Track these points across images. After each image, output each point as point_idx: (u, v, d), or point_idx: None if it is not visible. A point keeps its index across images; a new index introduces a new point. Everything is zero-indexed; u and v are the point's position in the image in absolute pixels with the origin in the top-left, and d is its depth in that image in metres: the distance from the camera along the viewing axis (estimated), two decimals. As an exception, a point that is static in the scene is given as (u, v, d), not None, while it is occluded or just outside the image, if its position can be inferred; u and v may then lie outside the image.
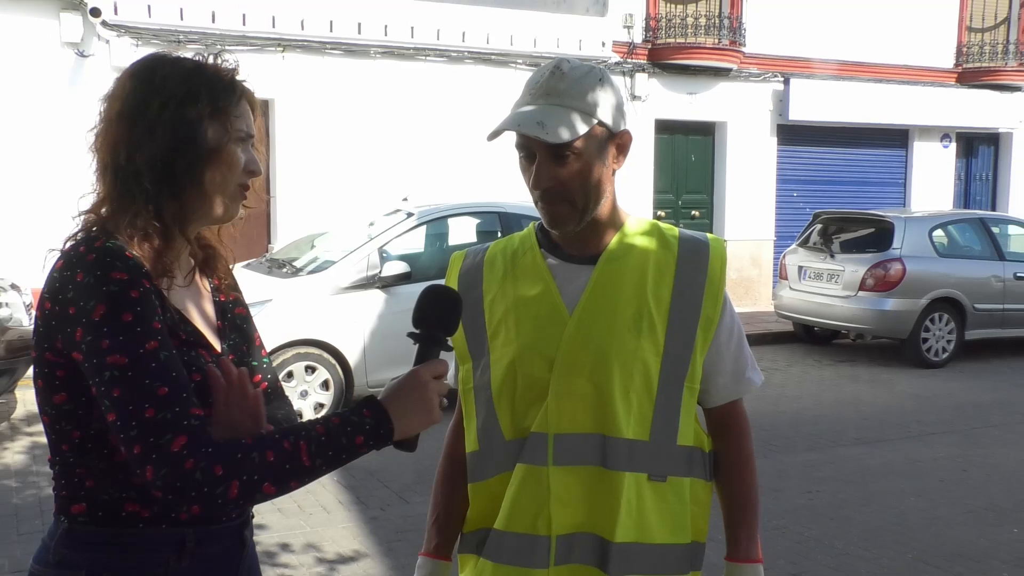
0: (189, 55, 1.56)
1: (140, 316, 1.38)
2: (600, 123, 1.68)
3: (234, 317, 1.69)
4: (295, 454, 1.39)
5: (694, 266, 1.75)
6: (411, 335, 1.58)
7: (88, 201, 1.52)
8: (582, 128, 1.64)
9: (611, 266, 1.74)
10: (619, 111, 1.72)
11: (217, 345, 1.60)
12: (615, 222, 1.78)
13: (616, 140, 1.72)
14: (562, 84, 1.67)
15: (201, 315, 1.61)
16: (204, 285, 1.67)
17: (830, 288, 10.57)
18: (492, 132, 1.70)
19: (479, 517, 1.81)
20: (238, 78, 1.56)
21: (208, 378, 1.50)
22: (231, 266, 1.74)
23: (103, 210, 1.49)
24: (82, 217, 1.50)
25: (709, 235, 1.84)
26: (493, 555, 1.74)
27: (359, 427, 1.45)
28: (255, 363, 1.70)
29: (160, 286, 1.47)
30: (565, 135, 1.63)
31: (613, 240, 1.77)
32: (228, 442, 1.39)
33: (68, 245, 1.47)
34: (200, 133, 1.48)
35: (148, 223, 1.46)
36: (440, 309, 1.60)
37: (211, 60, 1.55)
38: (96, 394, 1.40)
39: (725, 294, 1.78)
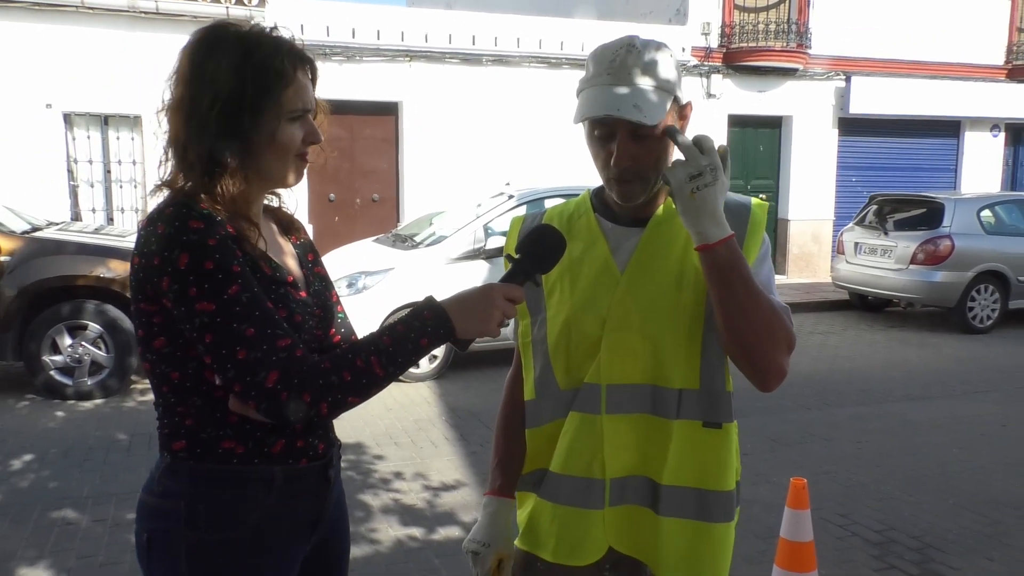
0: (245, 28, 1.39)
1: (220, 263, 1.27)
2: (675, 98, 1.48)
3: (315, 273, 1.57)
4: (369, 369, 1.31)
5: (735, 225, 1.54)
6: (507, 257, 1.44)
7: (162, 172, 1.40)
8: (665, 106, 1.45)
9: (659, 228, 1.55)
10: (681, 83, 1.52)
11: (303, 290, 1.47)
12: (665, 188, 1.59)
13: (681, 111, 1.52)
14: (640, 61, 1.46)
15: (284, 263, 1.49)
16: (286, 242, 1.55)
17: (884, 262, 9.96)
18: (589, 116, 1.46)
19: (536, 459, 1.65)
20: (290, 56, 1.38)
21: (293, 314, 1.38)
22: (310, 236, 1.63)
23: (177, 185, 1.37)
24: (162, 191, 1.39)
25: (753, 198, 1.61)
26: (551, 496, 1.59)
27: (422, 331, 1.35)
28: (339, 317, 1.58)
29: (242, 231, 1.35)
30: (659, 117, 1.43)
31: (662, 204, 1.58)
32: (312, 368, 1.28)
33: (153, 207, 1.37)
34: (248, 125, 1.34)
35: (211, 201, 1.34)
36: (544, 247, 1.44)
37: (265, 34, 1.38)
38: (190, 338, 1.31)
39: (763, 251, 1.55)
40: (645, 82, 1.45)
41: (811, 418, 6.04)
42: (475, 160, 11.52)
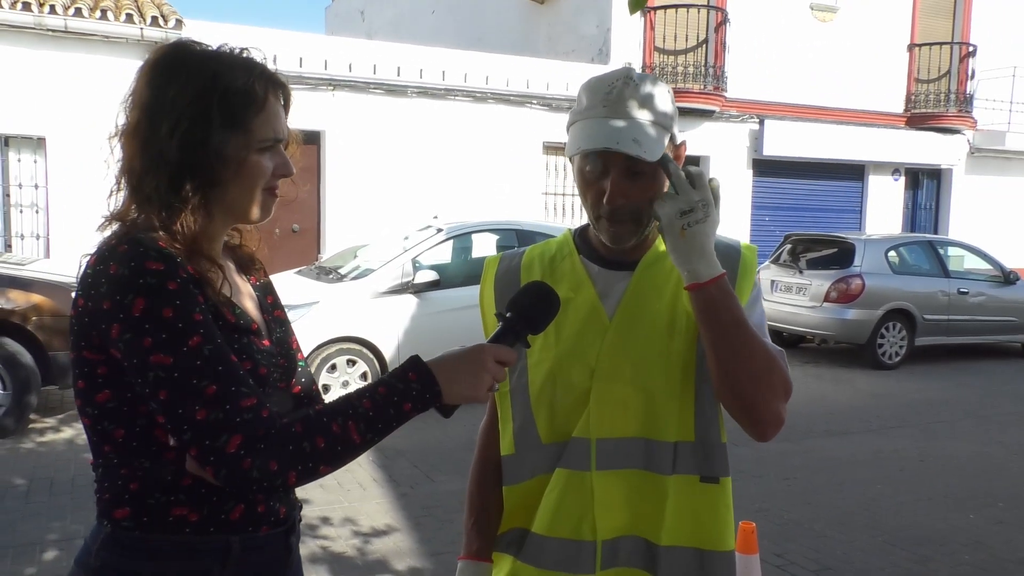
0: (213, 47, 1.25)
1: (180, 310, 1.12)
2: (671, 136, 1.41)
3: (275, 318, 1.42)
4: (345, 435, 1.16)
5: (725, 265, 1.48)
6: (498, 315, 1.31)
7: (111, 204, 1.24)
8: (663, 142, 1.37)
9: (648, 272, 1.46)
10: (676, 120, 1.44)
11: (265, 338, 1.33)
12: (654, 229, 1.52)
13: (675, 150, 1.44)
14: (638, 94, 1.38)
15: (245, 307, 1.33)
16: (244, 283, 1.39)
17: (798, 299, 10.27)
18: (585, 148, 1.36)
19: (513, 517, 1.52)
20: (261, 80, 1.23)
21: (258, 366, 1.24)
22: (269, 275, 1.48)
23: (128, 218, 1.22)
24: (112, 224, 1.23)
25: (741, 241, 1.56)
26: (534, 560, 1.46)
27: (406, 394, 1.19)
28: (299, 366, 1.44)
29: (203, 273, 1.20)
30: (658, 153, 1.35)
31: (652, 246, 1.49)
32: (281, 433, 1.13)
33: (100, 241, 1.21)
34: (210, 156, 1.20)
35: (169, 238, 1.19)
36: (537, 306, 1.32)
37: (235, 55, 1.25)
38: (142, 393, 1.14)
39: (755, 293, 1.49)
40: (643, 116, 1.37)
41: (739, 454, 6.08)
42: (399, 192, 11.38)
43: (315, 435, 1.15)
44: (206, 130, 1.19)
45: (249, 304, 1.35)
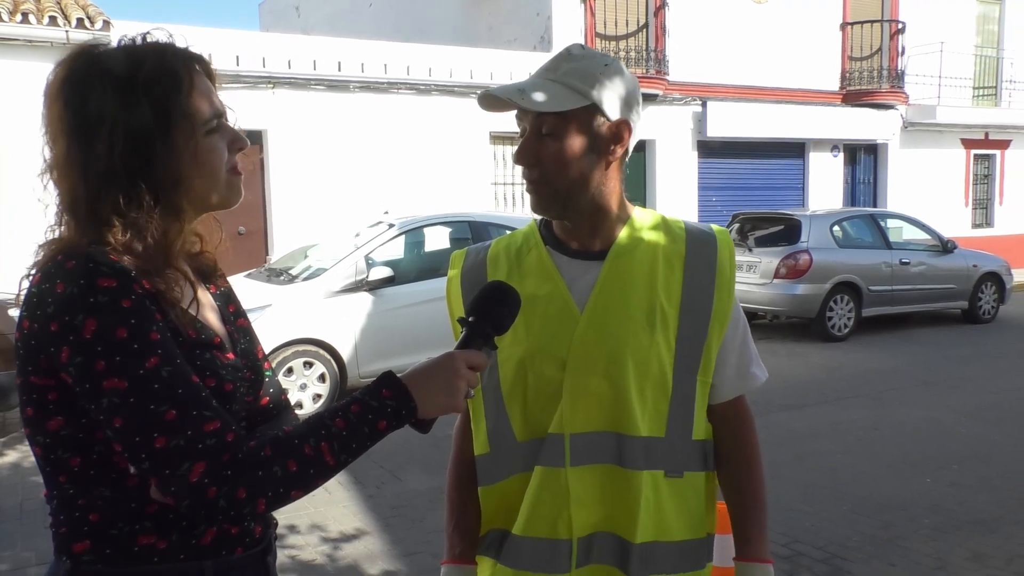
0: (114, 43, 1.15)
1: (135, 330, 1.04)
2: (595, 106, 1.34)
3: (238, 327, 1.33)
4: (318, 457, 1.09)
5: (703, 258, 1.44)
6: (461, 321, 1.26)
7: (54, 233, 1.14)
8: (568, 103, 1.32)
9: (620, 261, 1.42)
10: (623, 101, 1.38)
11: (229, 351, 1.25)
12: (622, 216, 1.46)
13: (613, 129, 1.38)
14: (565, 64, 1.35)
15: (207, 319, 1.25)
16: (204, 293, 1.30)
17: (749, 277, 10.40)
18: (479, 97, 1.38)
19: (492, 519, 1.48)
20: (176, 59, 1.14)
21: (223, 382, 1.16)
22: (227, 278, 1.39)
23: (75, 237, 1.12)
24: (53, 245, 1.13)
25: (714, 227, 1.52)
26: (512, 561, 1.42)
27: (380, 412, 1.13)
28: (266, 376, 1.36)
29: (160, 286, 1.11)
30: (543, 104, 1.31)
31: (621, 234, 1.44)
32: (249, 457, 1.05)
33: (43, 257, 1.11)
34: (158, 152, 1.11)
35: (127, 245, 1.10)
36: (498, 305, 1.28)
37: (141, 44, 1.15)
38: (96, 419, 1.06)
39: (735, 310, 1.47)
40: (556, 77, 1.35)
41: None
42: (347, 189, 11.19)
43: (286, 458, 1.08)
44: (146, 130, 1.10)
45: (211, 316, 1.27)
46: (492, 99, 1.37)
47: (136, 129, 1.10)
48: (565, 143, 1.34)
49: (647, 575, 1.39)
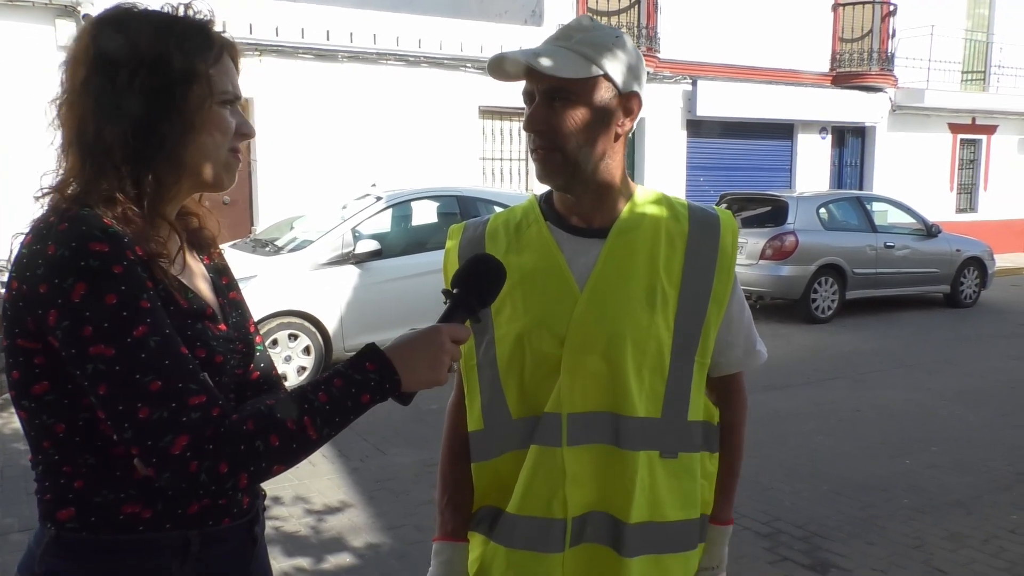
0: (157, 6, 1.16)
1: (125, 296, 1.02)
2: (606, 76, 1.35)
3: (230, 300, 1.32)
4: (301, 431, 1.07)
5: (705, 239, 1.44)
6: (445, 292, 1.25)
7: (52, 178, 1.12)
8: (582, 71, 1.32)
9: (622, 239, 1.41)
10: (631, 73, 1.38)
11: (221, 322, 1.23)
12: (624, 192, 1.45)
13: (623, 101, 1.38)
14: (578, 34, 1.35)
15: (198, 289, 1.24)
16: (197, 263, 1.29)
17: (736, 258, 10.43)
18: (489, 62, 1.38)
19: (485, 495, 1.48)
20: (216, 31, 1.17)
21: (214, 353, 1.14)
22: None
23: (70, 189, 1.10)
24: (47, 198, 1.11)
25: (717, 208, 1.52)
26: (506, 540, 1.42)
27: (363, 385, 1.12)
28: (258, 350, 1.34)
29: (154, 252, 1.10)
30: (560, 69, 1.30)
31: (623, 211, 1.43)
32: (231, 431, 1.04)
33: (36, 218, 1.09)
34: (176, 101, 1.10)
35: (125, 204, 1.09)
36: (483, 277, 1.26)
37: (182, 12, 1.16)
38: (82, 385, 1.04)
39: (735, 283, 1.48)
40: (569, 45, 1.34)
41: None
42: (334, 160, 11.09)
43: (269, 433, 1.06)
44: (167, 75, 1.10)
45: (203, 286, 1.25)
46: (501, 67, 1.36)
47: (161, 72, 1.10)
48: (577, 110, 1.34)
49: (640, 554, 1.39)
